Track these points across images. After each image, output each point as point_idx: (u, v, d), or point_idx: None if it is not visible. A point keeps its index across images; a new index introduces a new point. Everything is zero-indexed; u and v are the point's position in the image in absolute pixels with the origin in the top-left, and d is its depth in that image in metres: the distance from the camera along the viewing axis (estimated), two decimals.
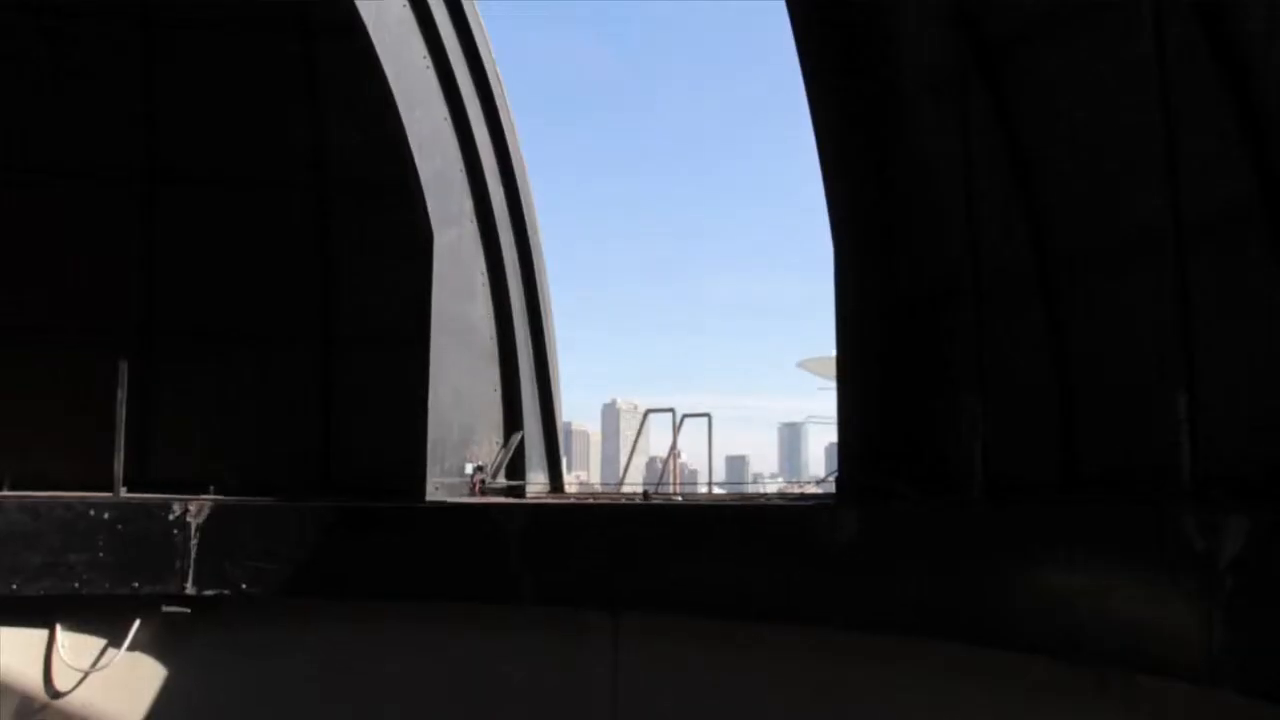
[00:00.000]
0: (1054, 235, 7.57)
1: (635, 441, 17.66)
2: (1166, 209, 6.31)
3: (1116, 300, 7.16)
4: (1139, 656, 6.05)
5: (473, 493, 10.22)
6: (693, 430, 13.61)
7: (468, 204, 10.82)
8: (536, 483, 10.92)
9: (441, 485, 9.94)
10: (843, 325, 8.81)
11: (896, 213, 8.81)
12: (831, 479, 9.07)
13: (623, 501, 9.71)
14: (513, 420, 10.86)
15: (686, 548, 8.49)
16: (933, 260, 8.59)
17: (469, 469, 10.30)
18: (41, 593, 9.57)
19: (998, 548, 7.14)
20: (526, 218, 11.28)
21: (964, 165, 7.93)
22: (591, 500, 10.64)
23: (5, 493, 10.22)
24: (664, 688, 8.64)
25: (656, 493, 10.70)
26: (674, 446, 17.71)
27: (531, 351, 11.11)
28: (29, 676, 9.72)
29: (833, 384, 9.09)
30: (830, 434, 9.81)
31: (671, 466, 13.97)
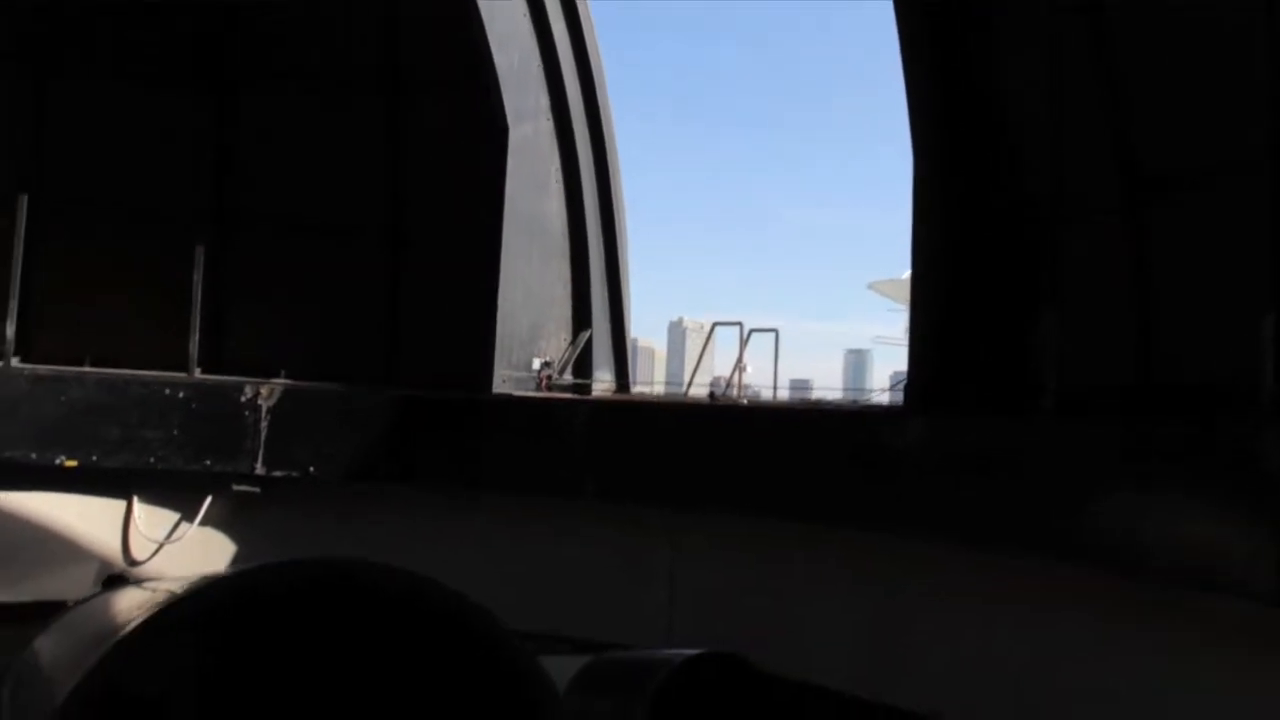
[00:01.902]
0: (1142, 154, 7.35)
1: (701, 355, 17.61)
2: (1262, 131, 6.10)
3: (1203, 220, 6.96)
4: (1210, 576, 5.95)
5: (539, 388, 10.29)
6: (757, 355, 13.52)
7: (544, 100, 10.74)
8: (603, 381, 10.95)
9: (508, 379, 10.02)
10: (919, 237, 8.68)
11: (979, 128, 8.61)
12: (900, 387, 9.00)
13: (688, 401, 9.74)
14: (581, 318, 10.87)
15: (749, 449, 8.49)
16: (1014, 175, 8.41)
17: (536, 364, 10.36)
18: (120, 465, 9.88)
19: (1067, 461, 7.04)
20: (602, 117, 11.18)
21: (1052, 82, 7.71)
22: (657, 400, 10.68)
23: (86, 369, 10.49)
24: (722, 583, 8.71)
25: (722, 398, 10.70)
26: (740, 359, 17.66)
27: (603, 251, 11.08)
28: (109, 545, 10.07)
29: (902, 307, 9.03)
30: (896, 361, 9.72)
31: (736, 379, 13.95)
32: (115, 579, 5.83)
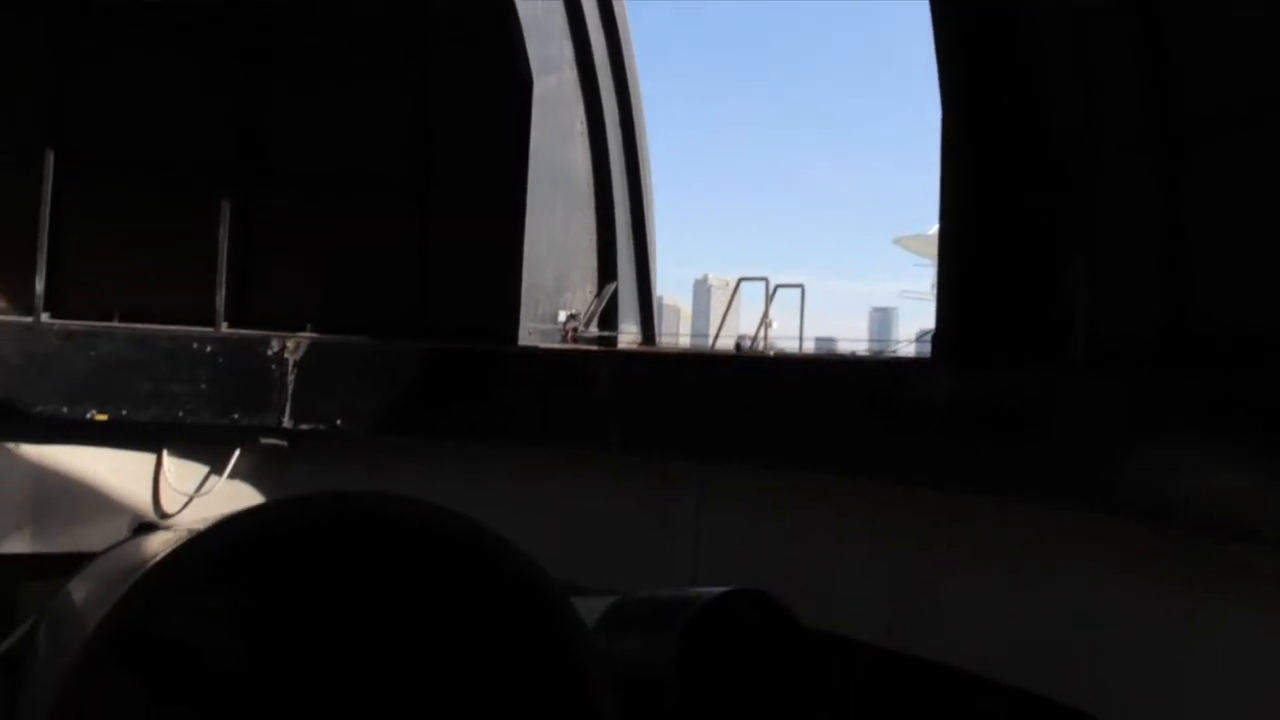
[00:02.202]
0: (1178, 96, 7.21)
1: (727, 309, 17.55)
2: None
3: (1241, 160, 6.82)
4: (1240, 527, 5.89)
5: (565, 340, 10.29)
6: (783, 313, 13.44)
7: (568, 50, 10.65)
8: (628, 334, 10.93)
9: (534, 331, 10.01)
10: (947, 186, 8.57)
11: (1008, 73, 8.46)
12: (926, 340, 8.93)
13: (714, 353, 9.71)
14: (607, 270, 10.84)
15: (776, 400, 8.45)
16: (1044, 119, 8.27)
17: (562, 317, 10.35)
18: (149, 419, 9.96)
19: (1096, 412, 6.97)
20: (627, 68, 11.09)
21: (1082, 20, 7.56)
22: (683, 352, 10.66)
23: (115, 324, 10.54)
24: (748, 535, 8.70)
25: (748, 351, 10.66)
26: (766, 314, 17.60)
27: (628, 202, 11.02)
28: (140, 497, 10.17)
29: (928, 261, 8.96)
30: (922, 319, 9.66)
31: (762, 334, 13.90)
32: (145, 526, 5.86)
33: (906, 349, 13.13)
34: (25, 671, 2.06)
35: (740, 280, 14.57)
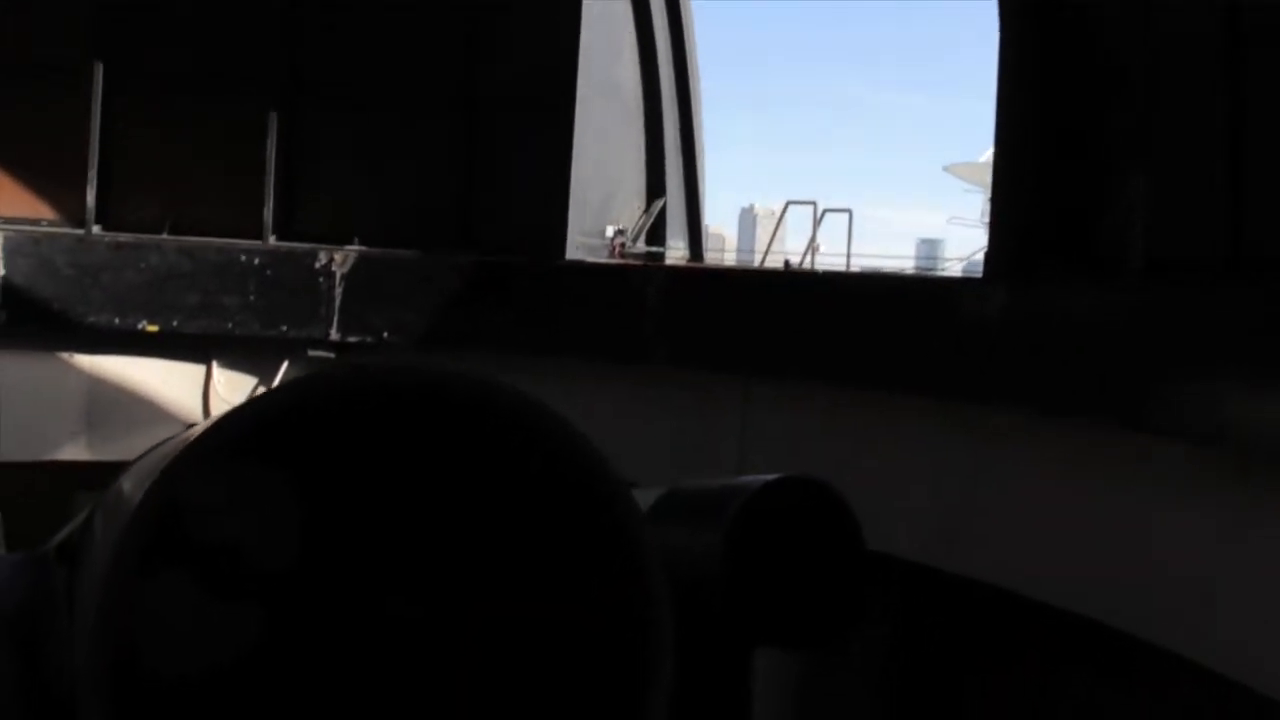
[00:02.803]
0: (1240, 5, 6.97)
1: (774, 232, 17.40)
2: None
3: None
4: None
5: (612, 256, 10.24)
6: (829, 239, 13.31)
7: None
8: (676, 250, 10.86)
9: (581, 246, 9.96)
10: (1004, 101, 8.37)
11: None
12: (976, 264, 8.80)
13: (763, 270, 9.61)
14: (655, 186, 10.74)
15: (825, 316, 8.36)
16: (1104, 33, 8.04)
17: (609, 232, 10.29)
18: (198, 331, 10.04)
19: (1151, 329, 6.84)
20: None
21: None
22: (731, 268, 10.57)
23: (164, 236, 10.61)
24: (794, 452, 8.66)
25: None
26: (813, 239, 17.40)
27: (678, 119, 10.89)
28: (190, 408, 10.28)
29: (978, 189, 8.77)
30: (968, 250, 9.48)
31: (809, 258, 13.76)
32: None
33: (955, 271, 12.97)
34: (81, 560, 2.02)
35: (787, 204, 14.36)
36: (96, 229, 10.77)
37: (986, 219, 8.89)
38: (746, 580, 2.22)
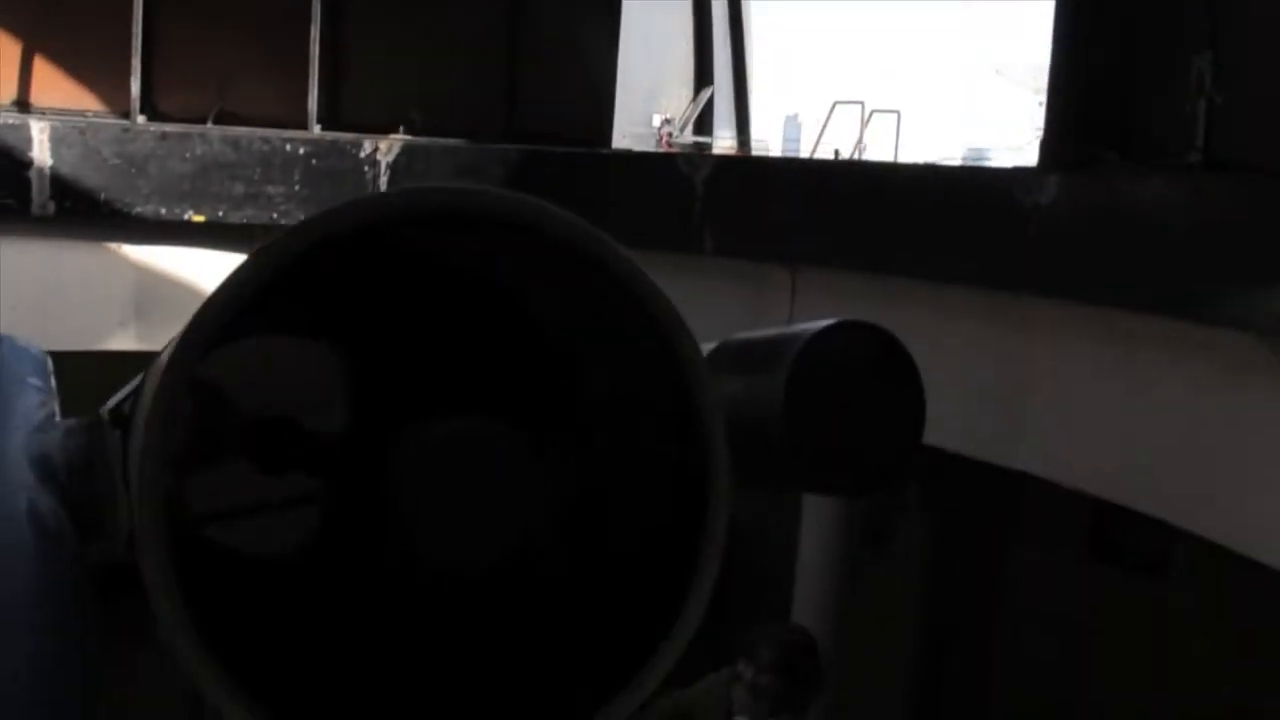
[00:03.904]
0: None
1: (821, 131, 17.09)
2: None
3: None
4: None
5: (659, 145, 10.13)
6: (877, 144, 13.10)
7: None
8: (724, 140, 10.72)
9: (628, 135, 9.86)
10: None
11: None
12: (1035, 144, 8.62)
13: (811, 160, 9.48)
14: (703, 75, 10.55)
15: (874, 205, 8.25)
16: None
17: (656, 121, 10.17)
18: (244, 220, 10.05)
19: (1212, 217, 6.68)
20: None
21: None
22: (779, 158, 10.43)
23: (209, 126, 10.58)
24: None
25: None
26: (860, 138, 17.11)
27: (726, 6, 10.66)
28: None
29: (1030, 91, 8.51)
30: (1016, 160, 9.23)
31: (856, 156, 13.54)
32: None
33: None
34: (132, 423, 1.98)
35: (835, 104, 14.12)
36: (141, 119, 10.74)
37: (1038, 125, 8.67)
38: (807, 424, 2.14)
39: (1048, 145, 8.09)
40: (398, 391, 1.69)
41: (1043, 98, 8.70)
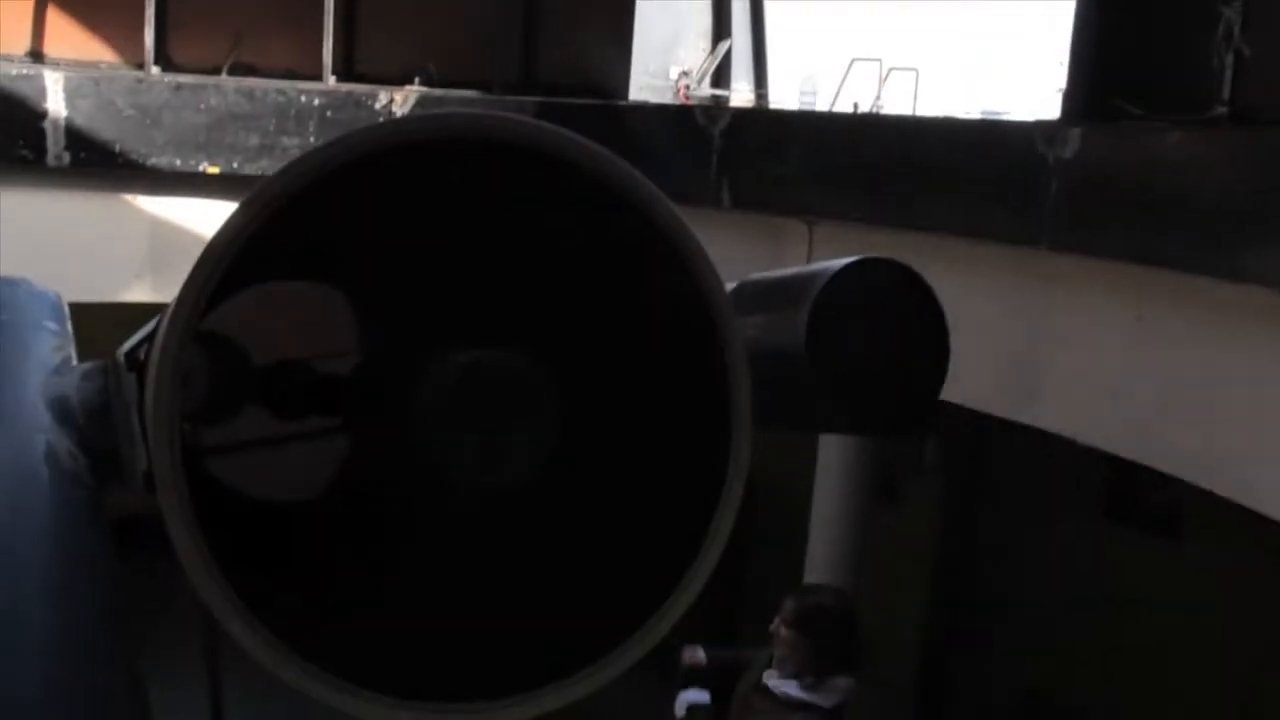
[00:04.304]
0: None
1: (838, 89, 16.94)
2: None
3: None
4: None
5: (676, 98, 10.06)
6: (894, 104, 12.97)
7: None
8: (741, 93, 10.63)
9: (645, 87, 9.78)
10: None
11: None
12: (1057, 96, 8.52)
13: (829, 112, 9.38)
14: (720, 28, 10.45)
15: (889, 158, 8.17)
16: None
17: (673, 73, 10.07)
18: (259, 172, 10.00)
19: (1237, 172, 6.61)
20: None
21: None
22: (796, 110, 10.34)
23: (224, 77, 10.53)
24: None
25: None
26: (879, 95, 16.94)
27: None
28: None
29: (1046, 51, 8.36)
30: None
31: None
32: None
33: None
34: (147, 368, 1.93)
35: (853, 60, 13.98)
36: (155, 70, 10.69)
37: (1059, 87, 8.56)
38: (832, 359, 2.10)
39: (1071, 97, 7.99)
40: (412, 327, 1.64)
41: (1062, 58, 8.58)
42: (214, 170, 10.12)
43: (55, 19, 10.90)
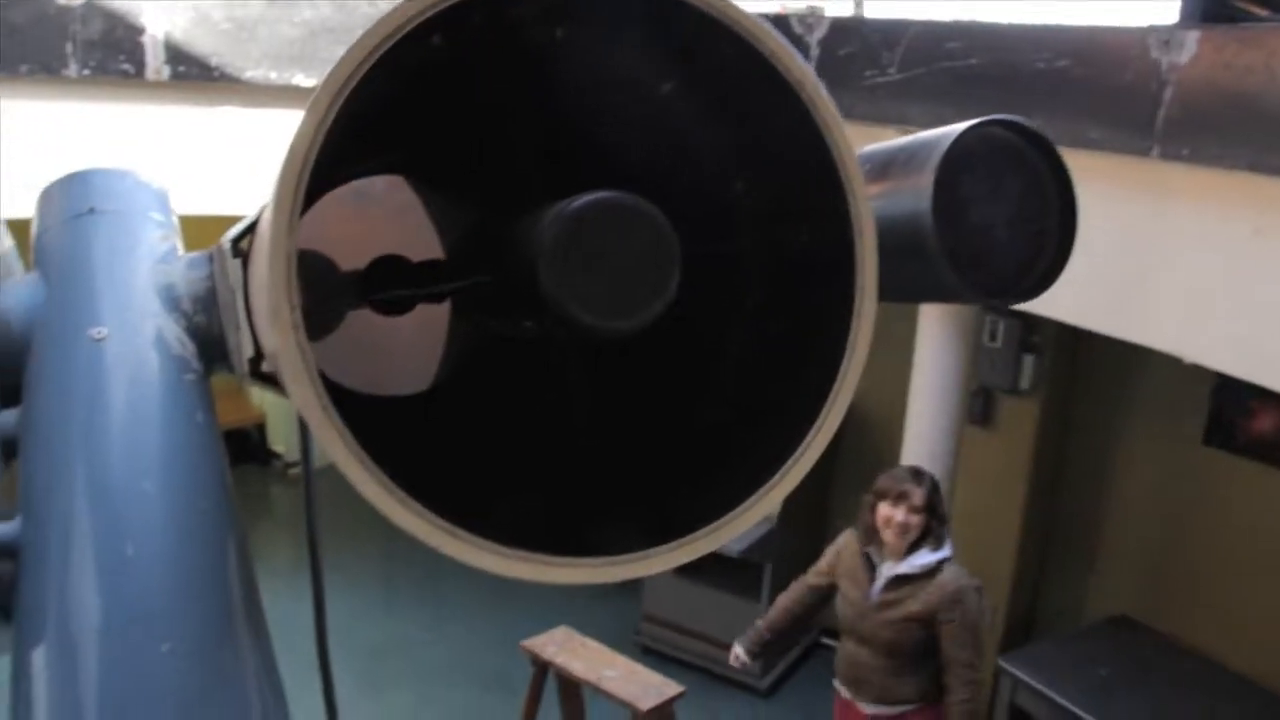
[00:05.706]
0: None
1: None
2: None
3: None
4: None
5: (772, 6, 9.83)
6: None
7: None
8: (838, 3, 10.36)
9: None
10: None
11: None
12: None
13: (931, 20, 9.07)
14: None
15: (997, 69, 7.92)
16: None
17: None
18: None
19: None
20: None
21: None
22: (894, 18, 10.03)
23: None
24: None
25: None
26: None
27: None
28: None
29: None
30: None
31: None
32: None
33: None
34: (252, 250, 1.92)
35: None
36: None
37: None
38: (956, 225, 2.02)
39: (1187, 4, 7.63)
40: (504, 191, 1.59)
41: None
42: (309, 83, 10.16)
43: None
